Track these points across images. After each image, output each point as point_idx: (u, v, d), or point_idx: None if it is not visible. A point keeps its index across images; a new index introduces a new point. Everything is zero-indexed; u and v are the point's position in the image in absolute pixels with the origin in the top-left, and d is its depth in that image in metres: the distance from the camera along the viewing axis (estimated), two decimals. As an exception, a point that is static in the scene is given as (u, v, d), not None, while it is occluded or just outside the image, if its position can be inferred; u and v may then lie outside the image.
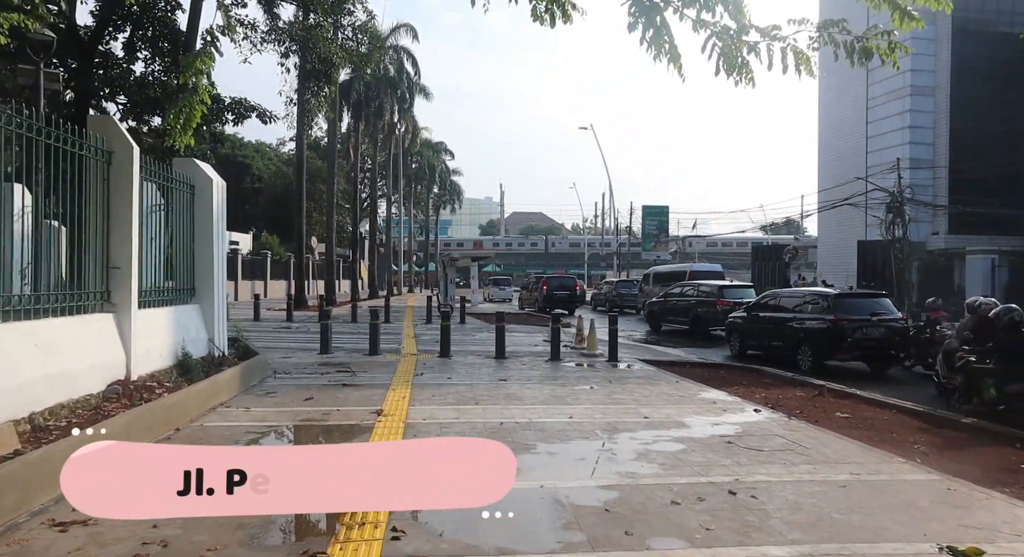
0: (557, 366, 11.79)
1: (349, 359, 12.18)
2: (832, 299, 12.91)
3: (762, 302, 14.91)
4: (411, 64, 44.14)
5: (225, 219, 10.70)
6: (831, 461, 5.68)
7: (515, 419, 7.18)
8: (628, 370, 11.42)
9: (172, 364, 8.64)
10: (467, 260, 34.47)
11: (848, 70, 40.48)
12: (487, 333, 18.20)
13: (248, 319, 21.89)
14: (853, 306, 12.83)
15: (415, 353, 13.23)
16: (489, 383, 9.70)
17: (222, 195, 10.52)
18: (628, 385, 9.72)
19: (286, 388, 9.03)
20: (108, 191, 7.33)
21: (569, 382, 9.96)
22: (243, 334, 13.29)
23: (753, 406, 8.28)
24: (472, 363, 11.90)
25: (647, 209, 50.54)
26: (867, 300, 13.46)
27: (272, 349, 13.58)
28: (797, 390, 9.97)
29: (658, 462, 5.55)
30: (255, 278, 37.39)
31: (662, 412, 7.70)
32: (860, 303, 13.10)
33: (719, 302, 18.87)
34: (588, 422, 7.10)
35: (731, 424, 7.16)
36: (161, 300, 8.80)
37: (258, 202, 53.16)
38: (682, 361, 13.31)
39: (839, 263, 42.59)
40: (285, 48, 20.74)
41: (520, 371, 10.95)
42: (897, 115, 38.42)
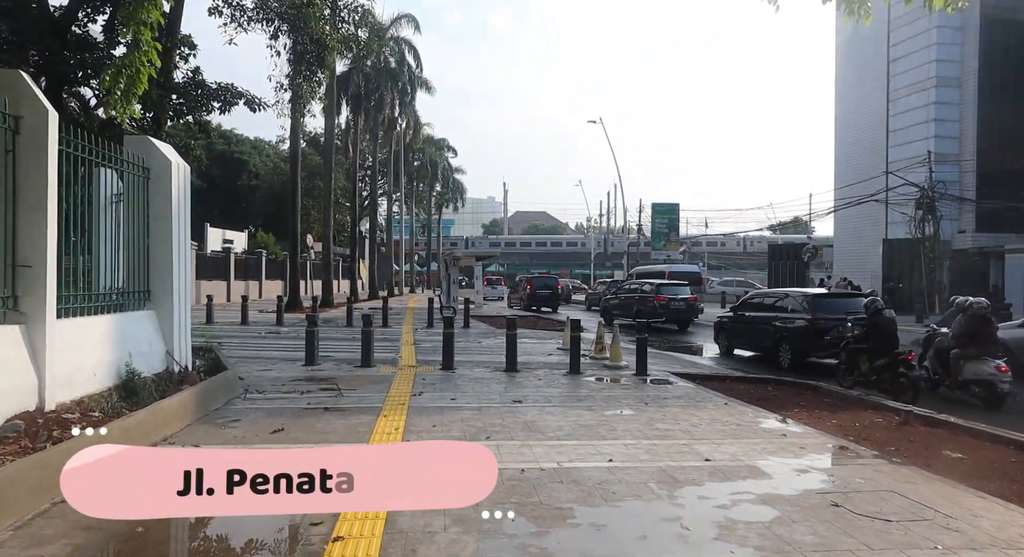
0: (578, 382, 10.13)
1: (338, 372, 10.54)
2: (810, 300, 13.46)
3: (747, 302, 15.54)
4: (412, 56, 42.50)
5: (189, 210, 9.05)
6: (995, 542, 4.03)
7: (539, 463, 5.53)
8: (663, 387, 9.76)
9: (113, 385, 7.01)
10: (471, 259, 32.77)
11: (867, 62, 38.75)
12: (494, 339, 16.56)
13: (235, 323, 20.30)
14: (829, 306, 13.30)
15: (414, 365, 11.58)
16: (501, 406, 8.05)
17: (185, 181, 8.88)
18: (669, 408, 8.06)
19: (255, 414, 7.38)
20: (14, 167, 5.70)
21: (597, 404, 8.30)
22: (215, 343, 11.67)
23: (833, 440, 6.63)
24: (480, 378, 10.25)
25: (657, 207, 48.75)
26: (843, 300, 14.03)
27: (252, 360, 11.95)
28: (870, 413, 8.30)
29: (753, 544, 3.89)
30: (249, 278, 35.72)
31: (725, 451, 6.05)
32: (836, 303, 13.57)
33: (656, 298, 21.65)
34: (635, 468, 5.45)
35: (822, 471, 5.50)
36: (98, 306, 7.17)
37: (255, 200, 51.56)
38: (720, 375, 11.64)
39: (857, 263, 40.86)
40: (274, 28, 19.10)
41: (537, 389, 9.30)
42: (921, 108, 36.64)
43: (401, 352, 13.55)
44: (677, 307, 21.77)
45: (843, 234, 44.52)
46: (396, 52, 41.77)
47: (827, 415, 8.16)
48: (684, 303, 22.00)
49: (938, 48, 35.55)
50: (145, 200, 8.23)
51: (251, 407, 7.78)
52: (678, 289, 22.70)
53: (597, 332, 13.06)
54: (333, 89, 31.61)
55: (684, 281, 25.16)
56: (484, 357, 13.00)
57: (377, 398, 8.37)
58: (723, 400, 8.73)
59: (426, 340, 15.96)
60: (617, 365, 11.66)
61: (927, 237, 27.90)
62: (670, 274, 27.32)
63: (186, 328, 8.91)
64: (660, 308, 21.25)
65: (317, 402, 8.05)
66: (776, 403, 8.91)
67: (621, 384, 10.04)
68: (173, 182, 8.45)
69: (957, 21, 35.53)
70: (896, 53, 38.29)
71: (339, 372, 10.58)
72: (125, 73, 6.60)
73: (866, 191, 35.53)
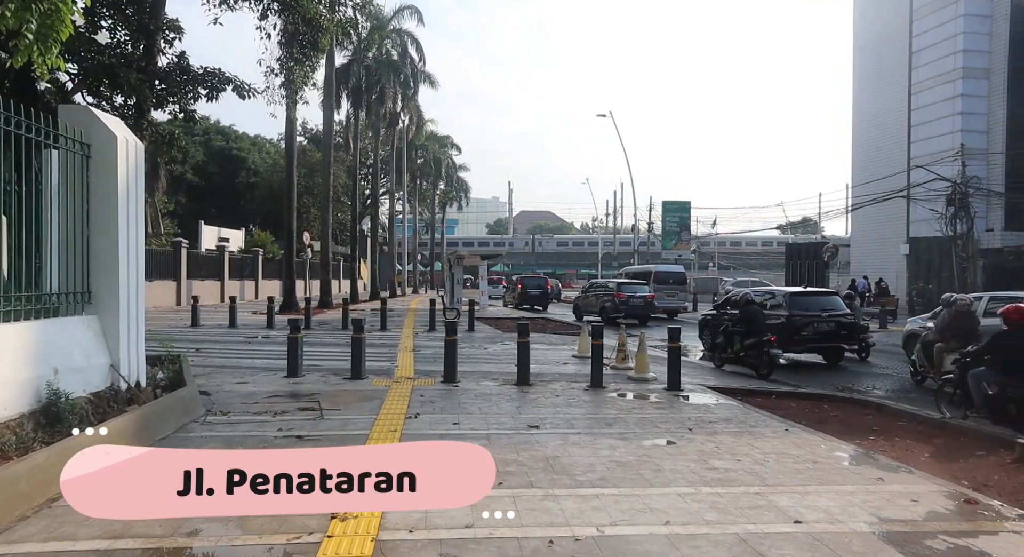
0: (602, 399, 8.67)
1: (323, 386, 9.10)
2: (787, 297, 13.97)
3: (728, 300, 16.03)
4: (415, 49, 41.03)
5: (142, 195, 7.61)
6: None
7: (571, 526, 4.07)
8: (703, 407, 8.28)
9: (28, 411, 5.58)
10: (476, 258, 31.29)
11: (888, 55, 37.07)
12: (501, 345, 15.11)
13: (223, 325, 18.90)
14: (806, 303, 13.80)
15: (411, 377, 10.11)
16: (515, 433, 6.59)
17: (136, 160, 7.43)
18: (720, 436, 6.58)
19: (209, 446, 5.93)
20: None
21: (631, 430, 6.84)
22: (191, 351, 10.23)
23: (945, 485, 5.15)
24: (487, 393, 8.79)
25: (667, 205, 47.11)
26: (819, 298, 14.46)
27: (228, 370, 10.52)
28: (963, 441, 6.82)
29: None
30: (244, 278, 34.36)
31: (815, 506, 4.57)
32: (812, 301, 14.04)
33: (617, 295, 23.69)
34: (704, 537, 3.98)
35: (966, 547, 4.01)
36: (10, 312, 5.74)
37: (254, 198, 50.12)
38: (762, 390, 10.13)
39: (878, 263, 39.25)
40: (263, 7, 17.71)
41: (555, 409, 7.83)
42: (946, 100, 34.96)
43: (398, 360, 12.10)
44: (635, 304, 23.89)
45: (861, 233, 42.89)
46: (398, 44, 40.35)
47: (914, 445, 6.68)
48: (642, 300, 24.13)
49: (964, 38, 33.87)
50: (84, 182, 6.80)
51: (207, 435, 6.34)
52: (637, 287, 24.92)
53: (619, 338, 11.55)
54: (332, 81, 30.20)
55: (669, 280, 27.15)
56: (491, 367, 11.55)
57: (364, 421, 6.92)
58: (781, 424, 7.25)
59: (427, 346, 14.51)
60: (644, 377, 10.18)
61: (959, 235, 26.27)
62: (656, 274, 28.23)
63: (138, 335, 7.47)
64: (620, 304, 23.39)
65: (290, 428, 6.60)
66: (843, 427, 7.44)
67: (652, 402, 8.56)
68: (120, 161, 7.00)
69: (985, 9, 33.93)
70: (919, 44, 36.66)
71: (324, 386, 9.13)
72: (36, 8, 5.14)
73: (888, 188, 33.95)
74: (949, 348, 9.74)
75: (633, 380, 10.13)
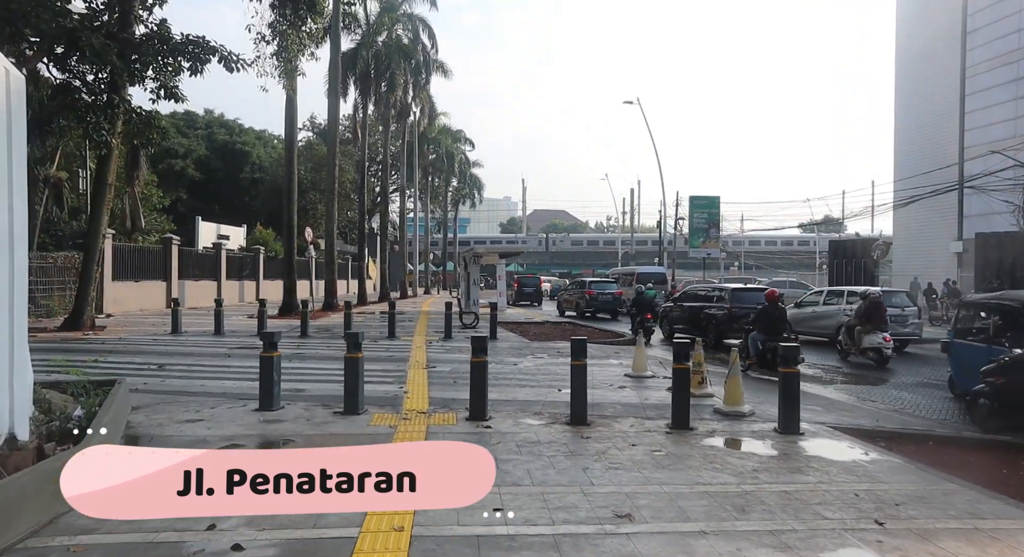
0: (700, 451, 6.03)
1: (303, 427, 6.54)
2: (729, 292, 16.49)
3: (685, 293, 19.13)
4: (427, 35, 38.52)
5: (24, 150, 5.08)
6: None
7: None
8: (857, 468, 5.60)
9: None
10: (494, 256, 28.64)
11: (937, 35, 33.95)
12: (533, 360, 12.50)
13: (208, 332, 16.42)
14: (745, 297, 15.98)
15: (424, 410, 7.51)
16: (597, 530, 3.99)
17: (16, 102, 4.91)
18: (940, 539, 3.95)
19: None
20: None
21: (777, 518, 4.22)
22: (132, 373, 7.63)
23: None
24: (532, 440, 6.19)
25: (695, 200, 44.22)
26: (756, 293, 16.16)
27: (186, 398, 7.99)
28: None
29: None
30: (244, 278, 31.95)
31: None
32: (750, 296, 16.07)
33: (588, 293, 26.74)
34: None
35: None
36: None
37: (258, 194, 47.76)
38: (906, 432, 7.44)
39: (924, 260, 36.38)
40: (251, -37, 15.24)
41: (640, 472, 5.22)
42: (1006, 84, 32.04)
43: (408, 383, 9.49)
44: (604, 300, 26.69)
45: (904, 230, 39.96)
46: (409, 29, 37.85)
47: None
48: (611, 297, 26.83)
49: (1025, 15, 30.99)
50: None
51: (90, 543, 3.78)
52: (606, 285, 28.15)
53: (695, 356, 8.78)
54: (338, 65, 27.63)
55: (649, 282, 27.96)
56: (527, 392, 8.95)
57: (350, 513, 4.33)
58: (983, 495, 4.62)
59: (443, 360, 11.92)
60: (737, 411, 7.54)
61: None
62: (638, 275, 29.93)
63: (21, 360, 4.94)
64: (591, 300, 26.43)
65: (231, 525, 4.02)
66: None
67: (776, 456, 5.92)
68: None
69: (1051, -17, 30.95)
70: (975, 22, 33.74)
71: (305, 426, 6.57)
72: None
73: (937, 181, 31.07)
74: (865, 329, 12.90)
75: (725, 416, 7.49)
